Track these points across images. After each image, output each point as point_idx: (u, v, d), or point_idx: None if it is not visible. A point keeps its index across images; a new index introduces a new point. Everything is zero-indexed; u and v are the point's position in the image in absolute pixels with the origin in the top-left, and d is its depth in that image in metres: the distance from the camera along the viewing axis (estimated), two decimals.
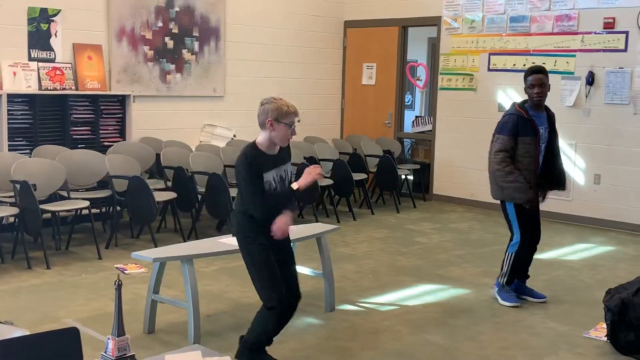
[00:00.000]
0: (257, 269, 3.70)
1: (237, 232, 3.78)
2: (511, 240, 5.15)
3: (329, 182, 8.11)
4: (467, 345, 4.35)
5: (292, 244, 4.98)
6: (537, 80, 4.95)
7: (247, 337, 3.81)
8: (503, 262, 5.17)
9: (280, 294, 3.68)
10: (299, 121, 3.80)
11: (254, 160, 3.59)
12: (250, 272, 3.74)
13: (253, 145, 3.67)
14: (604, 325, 4.41)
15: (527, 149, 4.92)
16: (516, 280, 5.21)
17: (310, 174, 3.66)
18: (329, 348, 4.25)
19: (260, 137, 3.68)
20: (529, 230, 5.10)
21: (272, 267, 3.67)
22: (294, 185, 3.66)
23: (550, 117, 5.14)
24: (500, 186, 4.95)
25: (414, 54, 10.86)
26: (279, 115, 3.63)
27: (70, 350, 2.13)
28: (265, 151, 3.66)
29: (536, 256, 6.58)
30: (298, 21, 9.57)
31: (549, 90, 5.00)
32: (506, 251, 5.17)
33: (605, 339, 4.38)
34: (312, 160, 8.12)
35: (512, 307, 5.03)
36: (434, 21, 9.28)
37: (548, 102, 8.20)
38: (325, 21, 9.93)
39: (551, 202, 8.32)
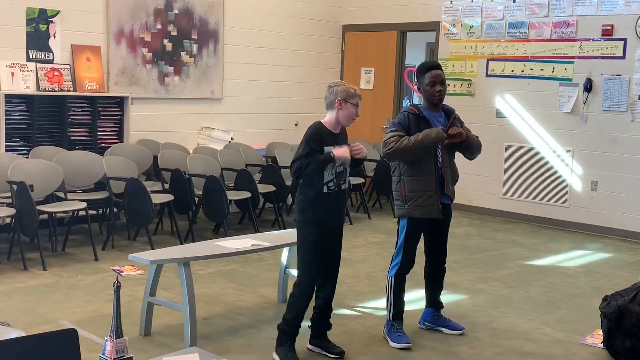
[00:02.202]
0: (304, 253, 4.04)
1: (296, 214, 4.11)
2: (392, 261, 4.49)
3: None
4: (462, 351, 4.35)
5: (289, 247, 5.01)
6: (438, 77, 4.34)
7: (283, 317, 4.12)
8: (386, 292, 4.51)
9: (314, 280, 4.07)
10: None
11: (318, 132, 3.96)
12: (298, 252, 4.09)
13: (320, 123, 4.03)
14: (600, 332, 4.42)
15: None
16: (429, 309, 4.68)
17: (348, 148, 3.98)
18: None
19: (327, 117, 4.05)
20: (414, 253, 4.44)
21: (318, 256, 4.03)
22: (334, 151, 3.94)
23: (450, 114, 4.49)
24: (399, 200, 4.38)
25: (412, 58, 10.87)
26: (347, 96, 3.99)
27: (68, 352, 2.12)
28: (330, 129, 4.02)
29: (532, 262, 6.64)
30: (296, 25, 9.58)
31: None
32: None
33: (602, 345, 4.38)
34: None
35: (403, 348, 4.31)
36: (433, 26, 9.29)
37: (545, 109, 8.29)
38: (324, 25, 9.94)
39: (548, 208, 8.37)
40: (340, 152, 3.92)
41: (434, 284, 4.68)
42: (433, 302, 4.69)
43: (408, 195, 4.35)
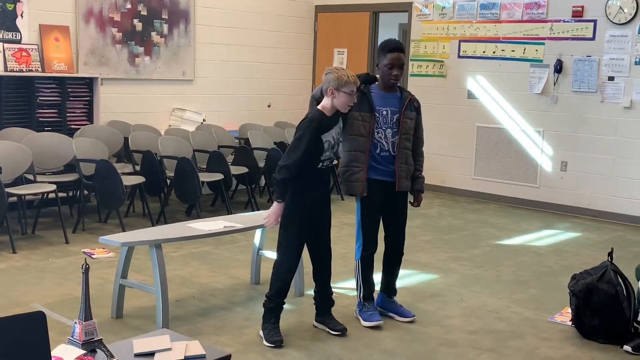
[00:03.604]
0: (288, 230, 4.13)
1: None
2: (355, 244, 4.48)
3: None
4: (434, 330, 4.39)
5: (262, 229, 5.01)
6: (397, 60, 4.23)
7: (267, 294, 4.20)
8: (355, 274, 4.51)
9: (296, 257, 4.21)
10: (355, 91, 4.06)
11: (318, 124, 3.97)
12: (280, 228, 4.16)
13: (318, 110, 4.04)
14: (569, 310, 4.48)
15: (358, 126, 4.24)
16: (382, 294, 4.61)
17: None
18: (298, 333, 4.26)
19: (323, 103, 4.05)
20: (374, 234, 4.43)
21: (302, 233, 4.14)
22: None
23: (405, 99, 4.34)
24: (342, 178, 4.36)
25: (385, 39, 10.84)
26: (339, 85, 3.96)
27: (36, 335, 2.10)
28: (328, 114, 4.04)
29: (503, 242, 6.71)
30: (269, 5, 9.50)
31: None
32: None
33: (570, 323, 4.45)
34: (282, 146, 8.10)
35: (374, 326, 4.36)
36: (405, 7, 9.28)
37: (516, 90, 8.35)
38: (296, 5, 9.88)
39: (518, 189, 8.45)
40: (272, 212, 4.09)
41: (388, 269, 4.60)
42: (386, 287, 4.62)
43: (341, 170, 4.36)
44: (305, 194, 4.06)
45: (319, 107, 4.08)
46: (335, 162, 4.18)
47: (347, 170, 4.33)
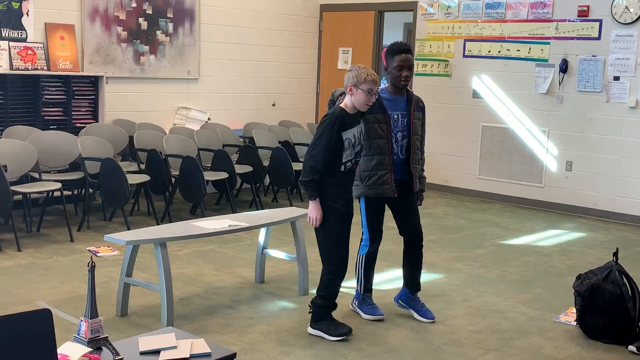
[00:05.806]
0: (332, 230, 4.14)
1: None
2: (361, 241, 4.51)
3: None
4: (438, 329, 4.39)
5: (266, 228, 5.02)
6: (406, 61, 4.26)
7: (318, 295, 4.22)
8: (356, 268, 4.52)
9: (343, 257, 4.16)
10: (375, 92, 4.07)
11: (339, 120, 3.99)
12: (322, 230, 4.17)
13: (340, 107, 4.07)
14: (574, 310, 4.48)
15: (375, 129, 4.24)
16: (406, 289, 4.59)
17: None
18: (302, 332, 4.26)
19: (345, 100, 4.09)
20: (379, 229, 4.46)
21: (345, 230, 4.18)
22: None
23: (411, 100, 4.36)
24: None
25: (389, 39, 10.81)
26: (357, 82, 3.98)
27: (42, 332, 2.10)
28: (349, 112, 4.06)
29: (508, 242, 6.70)
30: (274, 4, 9.50)
31: None
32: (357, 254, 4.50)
33: (575, 323, 4.44)
34: (286, 145, 8.10)
35: (376, 320, 4.44)
36: (410, 6, 9.28)
37: (521, 90, 8.34)
38: (301, 5, 9.88)
39: (523, 188, 8.44)
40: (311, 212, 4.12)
41: (409, 264, 4.59)
42: (409, 282, 4.60)
43: (362, 175, 4.33)
44: (337, 193, 4.09)
45: (340, 104, 4.09)
46: (357, 163, 4.19)
47: (373, 174, 4.30)
